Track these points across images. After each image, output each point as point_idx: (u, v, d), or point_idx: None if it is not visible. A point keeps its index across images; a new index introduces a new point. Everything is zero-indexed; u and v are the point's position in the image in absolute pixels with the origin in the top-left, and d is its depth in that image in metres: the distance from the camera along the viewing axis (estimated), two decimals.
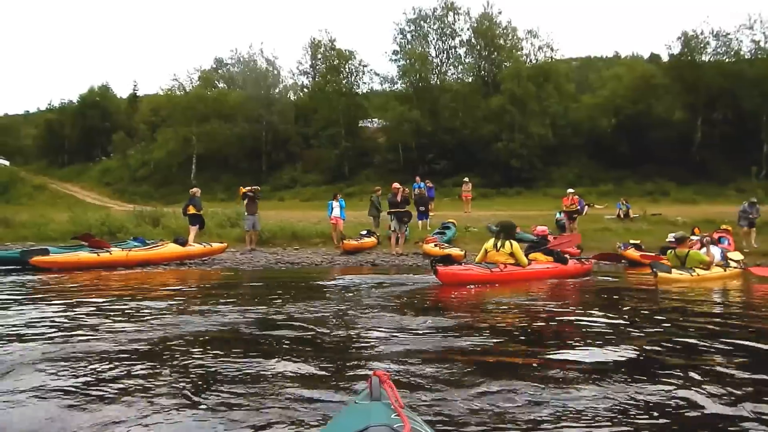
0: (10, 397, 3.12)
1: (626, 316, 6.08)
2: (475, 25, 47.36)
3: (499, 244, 9.12)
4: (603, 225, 21.27)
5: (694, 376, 3.62)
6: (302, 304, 6.54)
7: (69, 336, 4.69)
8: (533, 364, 3.84)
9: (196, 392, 3.21)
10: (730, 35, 39.54)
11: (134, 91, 68.63)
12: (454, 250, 13.52)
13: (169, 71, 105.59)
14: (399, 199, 15.07)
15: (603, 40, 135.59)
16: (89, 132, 59.53)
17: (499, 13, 47.07)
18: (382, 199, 18.26)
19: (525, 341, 4.76)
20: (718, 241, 16.62)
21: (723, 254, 12.00)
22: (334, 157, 44.71)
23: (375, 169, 44.56)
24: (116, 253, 11.23)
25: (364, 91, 50.60)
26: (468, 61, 48.53)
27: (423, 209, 19.77)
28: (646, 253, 13.38)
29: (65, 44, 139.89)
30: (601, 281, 10.22)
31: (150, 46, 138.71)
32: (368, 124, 50.38)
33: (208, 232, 16.45)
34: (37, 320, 5.45)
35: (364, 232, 17.45)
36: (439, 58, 49.21)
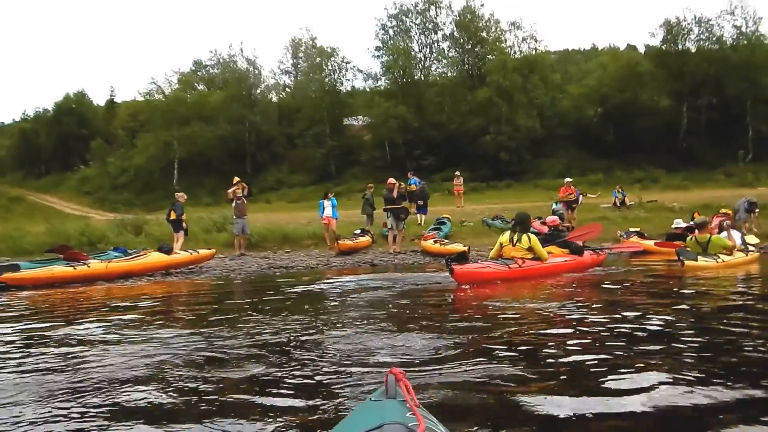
0: None
1: (670, 316, 5.32)
2: (457, 18, 46.78)
3: (516, 238, 8.41)
4: (600, 214, 20.71)
5: None
6: (307, 308, 6.41)
7: (34, 365, 3.91)
8: (555, 367, 3.56)
9: (208, 392, 3.20)
10: (712, 21, 39.38)
11: (111, 96, 67.19)
12: (457, 246, 12.82)
13: (147, 75, 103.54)
14: (395, 194, 14.34)
15: (580, 33, 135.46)
16: (66, 140, 58.09)
17: (482, 6, 46.68)
18: (375, 196, 17.64)
19: (547, 343, 4.30)
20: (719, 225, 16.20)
21: (742, 238, 11.37)
22: (320, 156, 43.97)
23: (362, 167, 43.89)
24: (95, 266, 10.33)
25: (348, 89, 50.02)
26: (451, 55, 47.93)
27: (422, 203, 19.32)
28: (661, 241, 12.69)
29: (37, 53, 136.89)
30: (619, 273, 9.54)
31: (126, 51, 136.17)
32: (353, 122, 49.62)
33: (194, 238, 15.58)
34: None
35: (358, 231, 16.70)
36: (422, 53, 48.67)
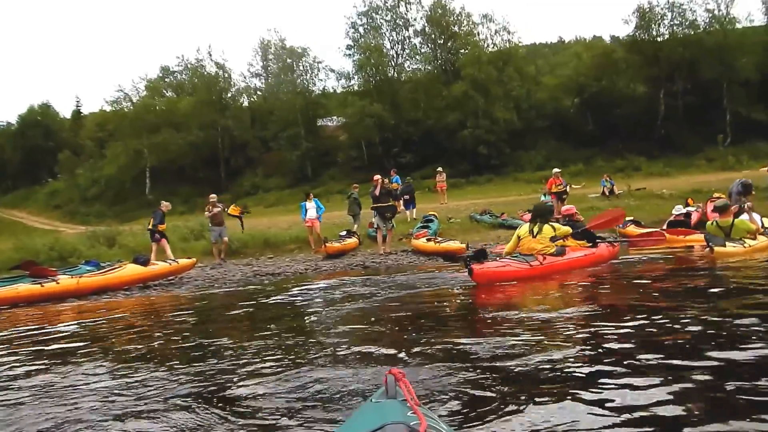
0: None
1: (713, 317, 4.66)
2: (428, 14, 46.24)
3: (536, 229, 7.77)
4: (589, 204, 20.25)
5: None
6: (304, 315, 6.37)
7: None
8: (567, 373, 3.33)
9: (209, 394, 3.22)
10: (684, 6, 39.37)
11: (77, 107, 65.35)
12: (453, 244, 12.19)
13: (114, 85, 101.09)
14: (377, 192, 13.63)
15: (545, 26, 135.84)
16: (32, 153, 56.30)
17: (452, 0, 46.12)
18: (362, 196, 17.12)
19: (562, 348, 3.91)
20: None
21: (761, 221, 10.78)
22: (295, 158, 43.10)
23: (339, 168, 43.22)
24: (65, 282, 9.46)
25: (321, 89, 49.26)
26: (424, 50, 47.33)
27: (408, 198, 18.84)
28: (673, 229, 11.99)
29: None
30: (639, 264, 9.01)
31: (91, 61, 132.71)
32: (328, 123, 48.82)
33: (172, 248, 14.74)
34: None
35: (344, 233, 15.99)
36: (394, 50, 47.97)
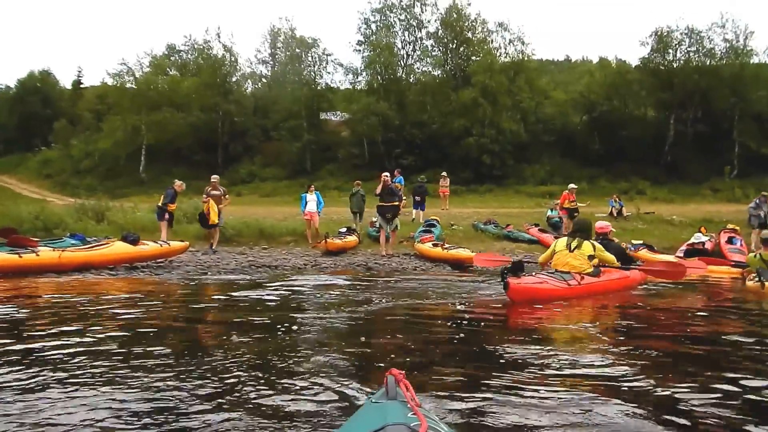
0: None
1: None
2: (443, 16, 45.55)
3: (574, 244, 7.14)
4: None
5: None
6: (308, 312, 6.06)
7: None
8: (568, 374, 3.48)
9: (208, 396, 3.07)
10: (703, 34, 38.87)
11: (78, 77, 64.13)
12: (463, 251, 11.53)
13: (117, 58, 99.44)
14: (378, 190, 12.97)
15: (553, 43, 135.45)
16: (28, 120, 55.00)
17: (468, 5, 45.44)
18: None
19: (578, 362, 3.92)
20: (730, 242, 15.34)
21: None
22: (295, 150, 42.20)
23: (339, 164, 42.40)
24: (45, 254, 8.70)
25: (328, 82, 48.49)
26: (435, 54, 46.66)
27: (419, 199, 18.24)
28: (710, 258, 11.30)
29: None
30: (669, 292, 8.39)
31: (96, 33, 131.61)
32: (331, 117, 48.05)
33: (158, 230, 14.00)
34: None
35: (344, 230, 15.31)
36: (405, 50, 47.26)
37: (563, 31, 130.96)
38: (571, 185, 18.11)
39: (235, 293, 7.18)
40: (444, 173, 24.83)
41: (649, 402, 3.04)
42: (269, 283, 8.23)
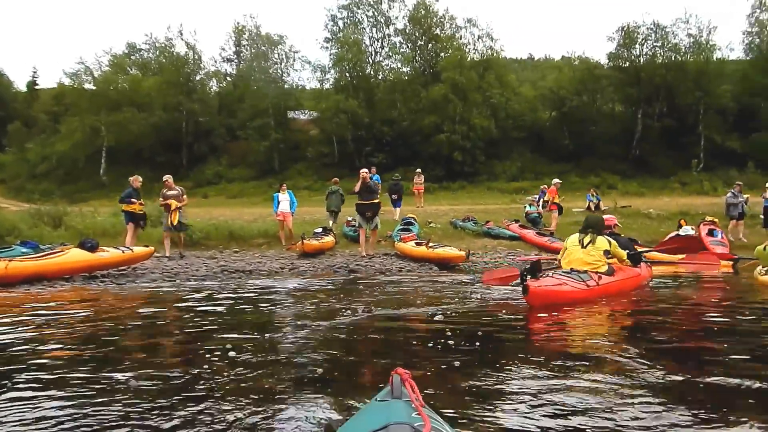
0: None
1: None
2: (411, 13, 44.98)
3: (587, 240, 6.57)
4: (574, 219, 19.32)
5: None
6: (301, 313, 5.87)
7: None
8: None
9: (211, 390, 3.09)
10: (667, 29, 39.11)
11: (33, 78, 61.81)
12: (451, 250, 10.88)
13: (74, 58, 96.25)
14: (357, 188, 12.28)
15: (516, 42, 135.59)
16: None
17: (436, 1, 45.03)
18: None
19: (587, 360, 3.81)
20: (710, 234, 15.11)
21: None
22: (263, 150, 41.17)
23: (308, 163, 41.57)
24: None
25: (296, 80, 47.63)
26: (404, 51, 46.05)
27: (396, 197, 17.74)
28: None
29: None
30: (684, 288, 7.92)
31: (50, 34, 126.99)
32: (299, 116, 47.10)
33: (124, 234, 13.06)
34: None
35: (320, 230, 14.56)
36: (373, 47, 46.57)
37: (525, 30, 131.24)
38: (556, 180, 17.70)
39: (209, 303, 6.43)
40: (419, 170, 24.30)
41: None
42: (246, 290, 7.50)
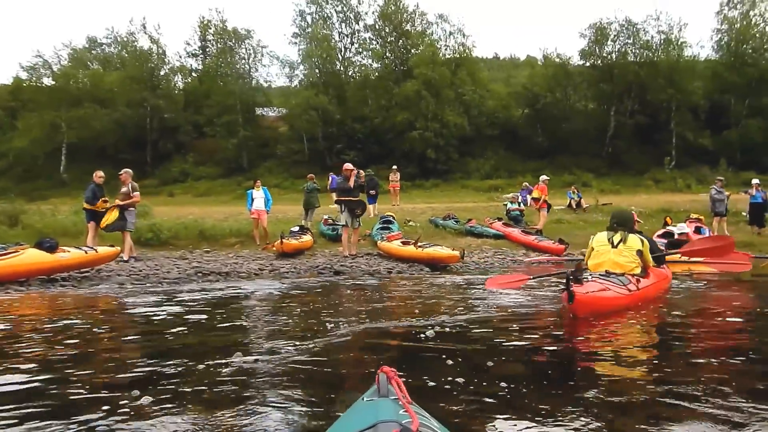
0: None
1: None
2: (381, 8, 44.25)
3: (617, 238, 5.86)
4: (556, 216, 19.05)
5: None
6: (291, 316, 5.36)
7: None
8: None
9: (198, 394, 3.01)
10: (639, 26, 39.23)
11: None
12: (443, 250, 10.23)
13: (31, 52, 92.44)
14: (351, 184, 11.59)
15: (479, 42, 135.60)
16: None
17: None
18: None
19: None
20: (698, 232, 14.83)
21: None
22: (231, 147, 40.01)
23: (277, 160, 40.57)
24: None
25: (264, 75, 46.59)
26: (373, 47, 45.36)
27: (373, 192, 17.39)
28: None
29: None
30: (711, 290, 7.41)
31: (4, 27, 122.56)
32: (268, 113, 46.06)
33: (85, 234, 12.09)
34: None
35: (296, 229, 13.79)
36: (342, 43, 45.78)
37: (489, 29, 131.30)
38: (544, 177, 17.25)
39: (185, 309, 5.66)
40: (395, 167, 23.69)
41: None
42: (225, 294, 6.75)
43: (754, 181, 16.89)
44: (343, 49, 45.50)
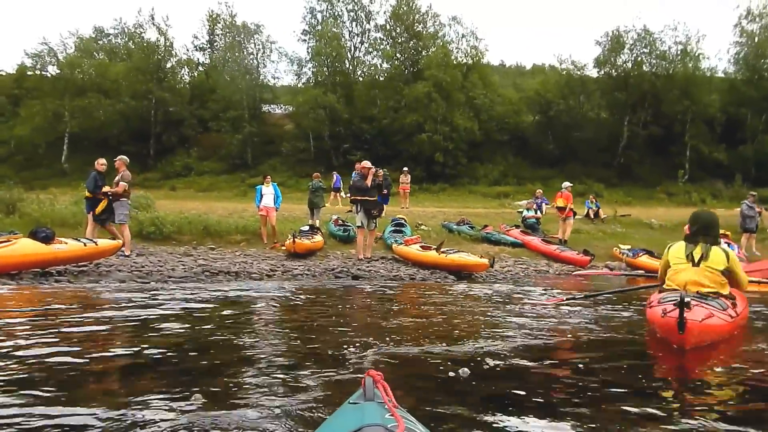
0: None
1: None
2: (393, 8, 43.56)
3: (697, 254, 4.70)
4: (574, 226, 18.30)
5: None
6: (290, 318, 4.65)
7: None
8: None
9: (184, 397, 2.78)
10: (656, 36, 38.58)
11: None
12: (469, 257, 9.53)
13: (36, 39, 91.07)
14: (369, 183, 10.91)
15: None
16: None
17: None
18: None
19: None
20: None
21: None
22: (236, 143, 39.31)
23: (282, 158, 39.85)
24: None
25: (272, 72, 45.97)
26: (383, 47, 44.68)
27: (385, 192, 16.43)
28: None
29: None
30: None
31: (10, 14, 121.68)
32: (275, 110, 45.38)
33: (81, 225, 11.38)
34: None
35: (306, 228, 13.11)
36: (352, 42, 45.13)
37: (495, 37, 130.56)
38: (567, 183, 16.48)
39: (195, 312, 4.97)
40: (405, 169, 23.10)
41: None
42: (239, 297, 6.05)
43: None
44: (352, 48, 44.90)
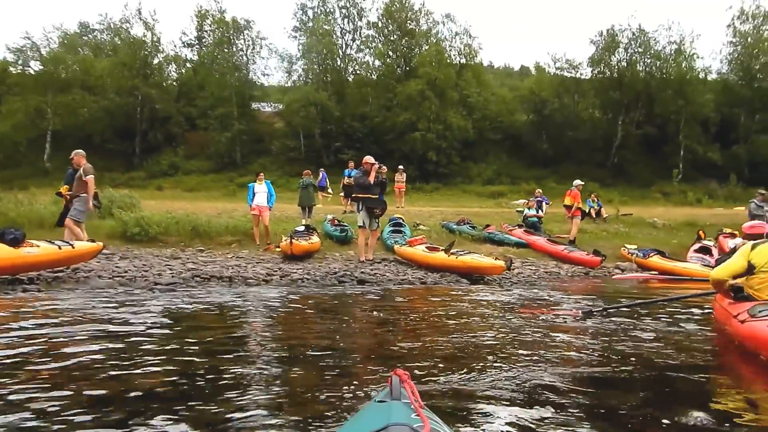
0: None
1: None
2: (386, 5, 42.83)
3: None
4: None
5: None
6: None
7: None
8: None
9: (214, 393, 2.88)
10: (650, 35, 38.19)
11: None
12: (483, 259, 8.83)
13: (18, 33, 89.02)
14: (371, 180, 10.21)
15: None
16: None
17: None
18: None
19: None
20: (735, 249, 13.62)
21: None
22: (224, 141, 38.38)
23: (272, 157, 39.00)
24: None
25: (261, 68, 45.19)
26: (375, 45, 43.97)
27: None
28: None
29: None
30: None
31: None
32: (264, 107, 44.55)
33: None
34: None
35: (301, 229, 12.38)
36: (344, 40, 44.40)
37: (484, 39, 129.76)
38: (578, 181, 15.82)
39: (190, 325, 4.24)
40: (401, 167, 22.40)
41: None
42: (239, 308, 5.32)
43: None
44: (344, 46, 44.18)
